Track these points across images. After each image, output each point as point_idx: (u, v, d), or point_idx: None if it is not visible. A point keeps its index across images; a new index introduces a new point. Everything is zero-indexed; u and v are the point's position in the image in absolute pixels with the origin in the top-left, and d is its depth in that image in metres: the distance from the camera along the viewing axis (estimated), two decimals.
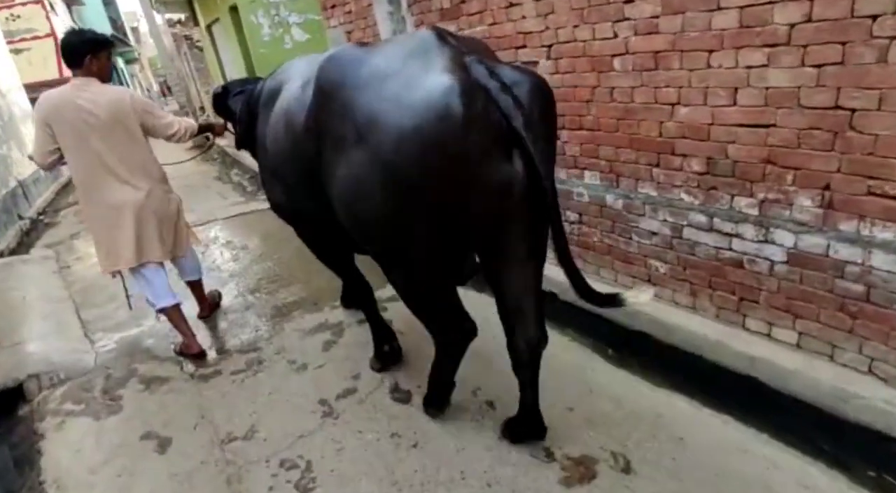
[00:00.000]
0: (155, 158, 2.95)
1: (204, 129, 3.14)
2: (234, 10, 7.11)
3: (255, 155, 2.69)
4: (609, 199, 2.79)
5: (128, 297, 3.26)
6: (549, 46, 2.75)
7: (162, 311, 3.03)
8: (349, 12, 4.38)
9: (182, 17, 14.98)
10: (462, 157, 1.46)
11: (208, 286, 3.64)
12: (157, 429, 2.51)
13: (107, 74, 2.76)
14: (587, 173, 2.88)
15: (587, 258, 3.05)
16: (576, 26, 2.58)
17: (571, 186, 2.97)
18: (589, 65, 2.60)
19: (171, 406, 2.67)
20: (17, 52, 12.09)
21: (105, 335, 3.51)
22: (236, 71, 8.29)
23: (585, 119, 2.75)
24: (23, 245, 6.73)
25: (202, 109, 13.44)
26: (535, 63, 2.85)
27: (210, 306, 3.58)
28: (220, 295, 3.74)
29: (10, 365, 3.07)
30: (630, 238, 2.73)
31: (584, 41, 2.57)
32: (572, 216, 3.05)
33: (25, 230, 7.31)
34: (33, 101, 11.45)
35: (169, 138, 2.91)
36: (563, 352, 2.65)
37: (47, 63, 14.77)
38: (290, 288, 3.81)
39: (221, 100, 2.92)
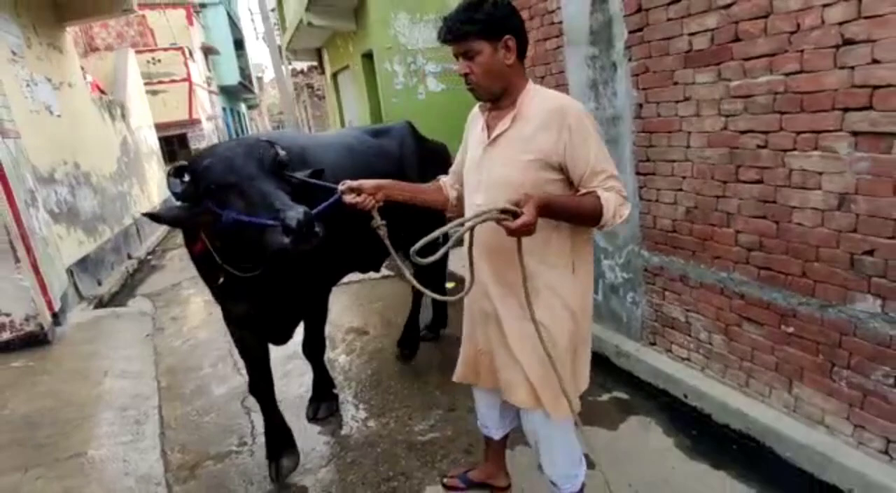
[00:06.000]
0: None
1: None
2: (367, 56, 6.66)
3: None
4: None
5: None
6: None
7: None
8: None
9: (306, 66, 15.48)
10: None
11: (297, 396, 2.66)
12: None
13: None
14: None
15: None
16: None
17: None
18: None
19: None
20: (153, 93, 12.73)
21: (185, 456, 2.64)
22: (360, 120, 7.85)
23: None
24: (126, 289, 6.38)
25: None
26: (891, 136, 1.73)
27: None
28: None
29: None
30: None
31: None
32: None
33: (131, 272, 7.02)
34: (163, 139, 11.91)
35: None
36: None
37: (180, 105, 15.72)
38: (428, 415, 2.79)
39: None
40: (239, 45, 25.95)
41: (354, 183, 1.66)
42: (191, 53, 16.94)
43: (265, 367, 2.41)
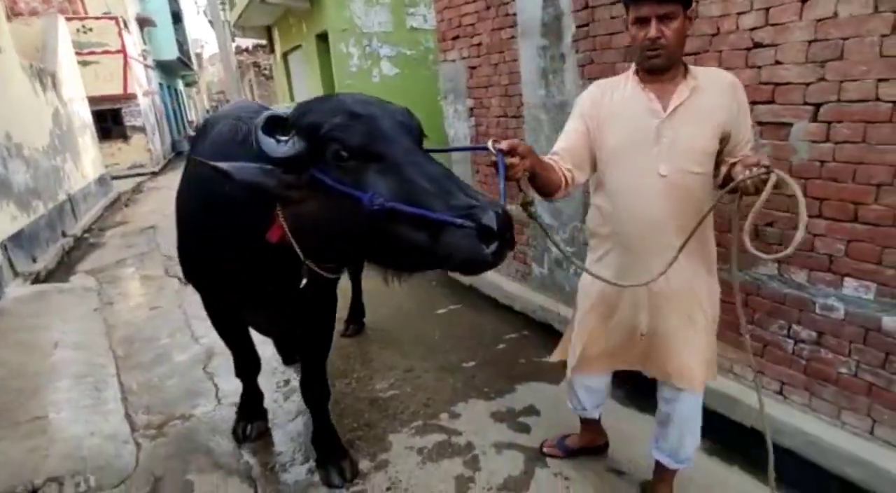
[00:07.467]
0: None
1: None
2: (322, 37, 6.66)
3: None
4: (887, 322, 1.95)
5: None
6: (819, 105, 1.98)
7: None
8: (478, 45, 3.73)
9: (251, 44, 15.05)
10: None
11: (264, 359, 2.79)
12: None
13: None
14: (850, 282, 2.05)
15: (823, 394, 2.19)
16: (883, 80, 1.81)
17: (815, 294, 2.14)
18: (894, 134, 1.82)
19: None
20: (84, 64, 12.02)
21: (151, 417, 2.72)
22: None
23: (867, 209, 1.94)
24: (63, 266, 6.14)
25: None
26: (788, 125, 2.08)
27: None
28: None
29: (25, 457, 2.30)
30: None
31: (893, 102, 1.80)
32: (806, 334, 2.20)
33: (67, 250, 6.75)
34: (96, 114, 11.16)
35: None
36: None
37: (114, 78, 14.86)
38: (388, 376, 2.98)
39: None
40: (177, 18, 24.65)
41: (513, 142, 1.38)
42: (125, 24, 16.04)
43: (253, 353, 2.48)
